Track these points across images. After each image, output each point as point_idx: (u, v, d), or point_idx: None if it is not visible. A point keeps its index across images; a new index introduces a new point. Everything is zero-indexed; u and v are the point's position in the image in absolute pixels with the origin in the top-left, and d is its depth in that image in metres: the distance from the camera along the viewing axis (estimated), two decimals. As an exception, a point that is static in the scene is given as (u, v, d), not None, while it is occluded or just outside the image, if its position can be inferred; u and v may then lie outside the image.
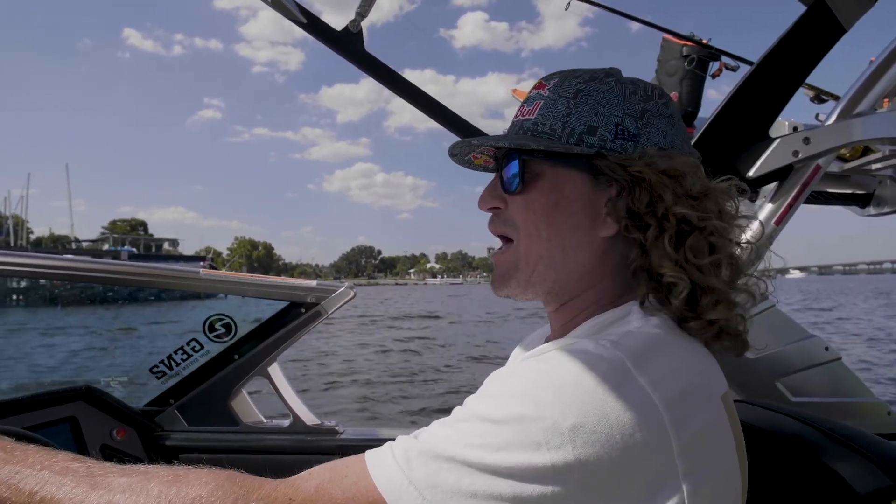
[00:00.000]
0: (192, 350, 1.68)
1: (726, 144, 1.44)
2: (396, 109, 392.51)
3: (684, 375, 0.64)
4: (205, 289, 1.62)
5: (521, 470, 0.56)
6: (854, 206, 1.92)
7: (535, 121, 0.76)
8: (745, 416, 1.03)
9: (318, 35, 1.54)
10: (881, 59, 1.44)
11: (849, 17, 1.36)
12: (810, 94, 1.88)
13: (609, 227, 0.73)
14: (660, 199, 0.69)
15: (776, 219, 1.46)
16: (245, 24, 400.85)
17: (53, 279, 1.56)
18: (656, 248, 0.69)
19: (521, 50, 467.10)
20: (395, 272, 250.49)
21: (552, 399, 0.58)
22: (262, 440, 1.68)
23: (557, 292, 0.77)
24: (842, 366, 1.55)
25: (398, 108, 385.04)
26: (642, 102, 0.74)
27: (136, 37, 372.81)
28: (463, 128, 1.64)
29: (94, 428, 1.56)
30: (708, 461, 0.61)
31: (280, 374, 1.73)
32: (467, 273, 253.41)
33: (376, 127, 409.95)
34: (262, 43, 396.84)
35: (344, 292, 1.66)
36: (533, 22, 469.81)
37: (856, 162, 1.78)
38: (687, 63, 1.69)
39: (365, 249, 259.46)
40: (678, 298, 0.68)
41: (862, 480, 0.81)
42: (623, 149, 0.72)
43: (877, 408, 1.53)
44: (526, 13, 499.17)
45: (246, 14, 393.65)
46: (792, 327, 1.56)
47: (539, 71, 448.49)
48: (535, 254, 0.75)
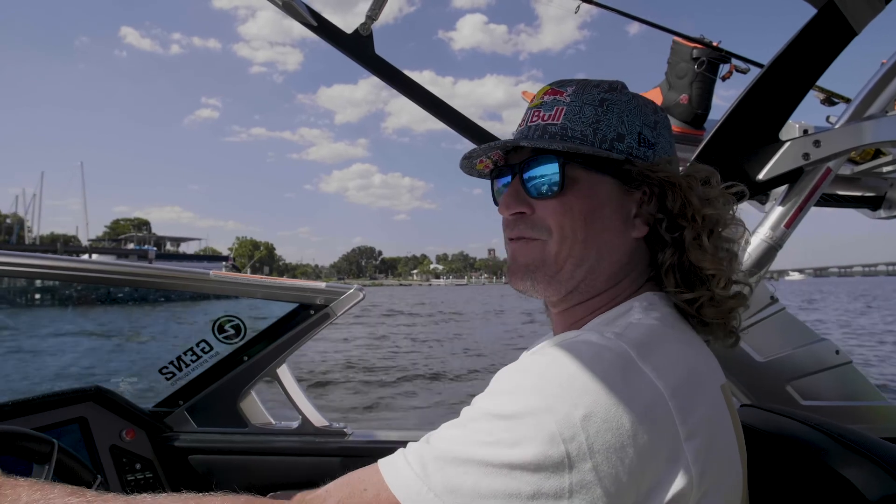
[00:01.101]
0: (202, 351, 1.68)
1: (737, 147, 1.44)
2: (395, 111, 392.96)
3: (686, 364, 0.66)
4: (215, 290, 1.63)
5: (537, 463, 0.56)
6: (865, 209, 1.91)
7: (561, 125, 0.77)
8: (753, 420, 1.03)
9: (329, 38, 1.55)
10: (892, 62, 1.44)
11: (860, 19, 1.35)
12: (821, 97, 1.87)
13: (640, 228, 0.78)
14: (689, 202, 0.74)
15: (786, 221, 1.46)
16: (244, 24, 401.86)
17: (64, 280, 1.57)
18: (694, 246, 0.74)
19: (519, 52, 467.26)
20: (398, 273, 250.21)
21: (561, 391, 0.59)
22: (271, 441, 1.69)
23: (582, 290, 0.79)
24: (853, 369, 1.54)
25: (396, 109, 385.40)
26: (653, 115, 0.80)
27: (134, 35, 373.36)
28: (475, 132, 1.64)
29: (103, 428, 1.57)
30: (712, 448, 0.63)
31: (289, 376, 1.73)
32: (470, 274, 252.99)
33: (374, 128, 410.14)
34: (261, 43, 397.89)
35: (353, 294, 1.66)
36: (531, 25, 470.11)
37: (867, 165, 1.77)
38: (697, 66, 1.69)
39: (365, 250, 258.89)
40: (718, 287, 0.74)
41: (871, 486, 0.81)
42: (646, 156, 0.77)
43: (888, 411, 1.51)
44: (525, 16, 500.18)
45: (245, 14, 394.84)
46: (802, 331, 1.55)
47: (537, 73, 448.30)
48: (565, 254, 0.77)
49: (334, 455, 1.65)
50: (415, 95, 1.60)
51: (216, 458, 1.67)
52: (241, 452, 1.67)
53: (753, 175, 1.44)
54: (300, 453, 1.66)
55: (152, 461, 1.61)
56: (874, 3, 1.34)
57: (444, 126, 1.61)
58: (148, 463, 1.61)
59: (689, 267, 0.76)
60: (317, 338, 1.74)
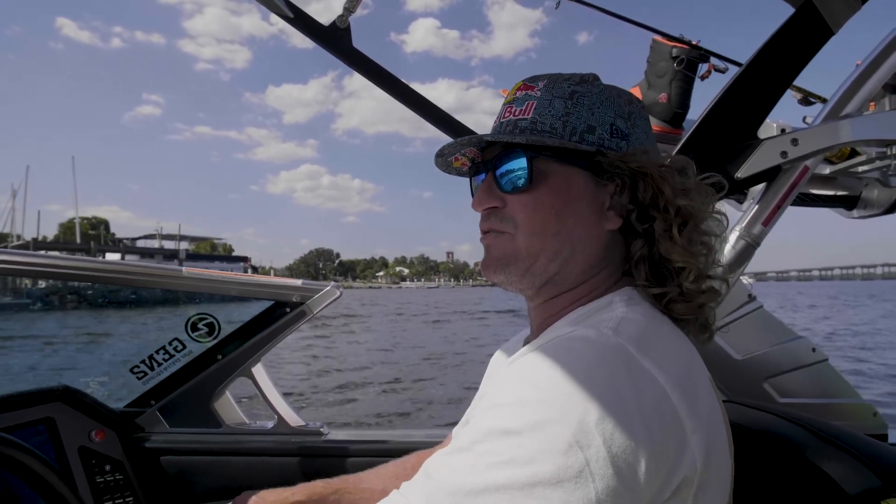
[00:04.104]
0: (175, 350, 1.64)
1: (715, 145, 1.44)
2: (345, 112, 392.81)
3: (681, 358, 0.66)
4: (188, 287, 1.59)
5: (558, 477, 0.53)
6: (841, 209, 1.93)
7: (531, 120, 0.77)
8: (734, 416, 1.02)
9: (305, 30, 1.52)
10: (868, 62, 1.45)
11: (837, 18, 1.36)
12: (798, 97, 1.89)
13: (613, 220, 0.77)
14: (661, 192, 0.73)
15: (764, 219, 1.47)
16: (190, 20, 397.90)
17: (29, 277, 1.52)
18: (665, 238, 0.73)
19: (471, 57, 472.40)
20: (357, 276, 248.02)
21: (569, 397, 0.56)
22: (246, 442, 1.65)
23: (557, 283, 0.78)
24: (828, 367, 1.55)
25: (346, 110, 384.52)
26: (627, 105, 0.79)
27: (72, 27, 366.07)
28: (452, 125, 1.62)
29: (71, 429, 1.52)
30: (713, 439, 0.63)
31: (264, 375, 1.70)
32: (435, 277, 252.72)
33: (324, 129, 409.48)
34: (208, 40, 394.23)
35: (330, 291, 1.64)
36: (484, 31, 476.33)
37: (842, 164, 1.79)
38: (676, 64, 1.69)
39: (323, 252, 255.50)
40: (688, 281, 0.73)
41: (851, 480, 0.82)
42: (619, 147, 0.76)
43: (863, 409, 1.53)
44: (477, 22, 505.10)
45: (191, 9, 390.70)
46: (779, 328, 1.56)
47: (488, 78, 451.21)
48: (537, 247, 0.77)
49: (310, 455, 1.62)
50: (392, 89, 1.58)
51: (189, 459, 1.63)
52: (214, 453, 1.64)
53: (732, 173, 1.44)
54: (275, 453, 1.63)
55: (122, 462, 1.57)
56: (851, 3, 1.35)
57: (395, 129, 1.60)
58: (118, 464, 1.56)
59: (660, 259, 0.75)
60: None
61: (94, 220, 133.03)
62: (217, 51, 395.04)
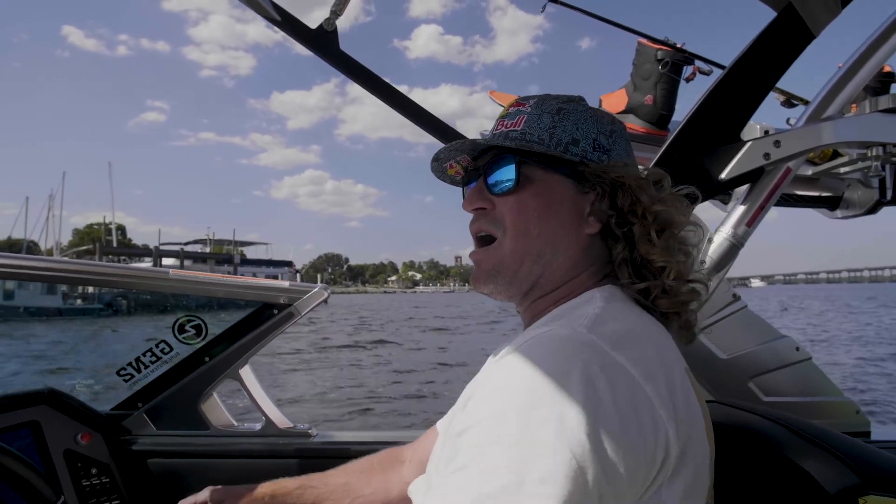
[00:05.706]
0: (162, 352, 1.64)
1: (699, 147, 1.46)
2: (348, 118, 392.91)
3: (655, 351, 0.69)
4: (174, 289, 1.58)
5: (552, 475, 0.55)
6: (824, 209, 1.95)
7: (521, 131, 0.84)
8: (716, 416, 1.04)
9: (292, 33, 1.52)
10: (849, 65, 1.47)
11: (818, 22, 1.39)
12: (781, 99, 1.91)
13: (592, 225, 0.82)
14: (638, 200, 0.79)
15: (748, 220, 1.48)
16: (195, 27, 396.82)
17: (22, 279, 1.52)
18: (644, 240, 0.78)
19: (474, 63, 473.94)
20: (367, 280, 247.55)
21: (547, 399, 0.59)
22: (234, 444, 1.65)
23: (541, 285, 0.83)
24: (812, 366, 1.57)
25: (349, 116, 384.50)
26: (610, 125, 0.86)
27: (78, 35, 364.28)
28: (441, 129, 1.63)
29: (57, 432, 1.51)
30: (690, 430, 0.66)
31: (252, 377, 1.70)
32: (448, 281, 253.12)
33: (327, 134, 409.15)
34: (213, 47, 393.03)
35: (317, 293, 1.64)
36: (486, 37, 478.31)
37: (825, 165, 1.81)
38: (661, 67, 1.71)
39: (332, 257, 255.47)
40: (669, 279, 0.77)
41: (831, 478, 0.83)
42: (600, 160, 0.83)
43: (846, 407, 1.55)
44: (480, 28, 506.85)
45: (196, 16, 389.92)
46: (763, 328, 1.58)
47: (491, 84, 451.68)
48: (521, 251, 0.82)
49: (298, 457, 1.62)
50: (380, 92, 1.58)
51: (176, 462, 1.62)
52: (202, 455, 1.63)
53: (716, 174, 1.46)
54: (263, 455, 1.62)
55: (109, 465, 1.56)
56: (831, 7, 1.37)
57: (398, 134, 1.62)
58: (104, 467, 1.55)
59: (641, 261, 0.80)
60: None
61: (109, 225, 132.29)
62: (222, 57, 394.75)
